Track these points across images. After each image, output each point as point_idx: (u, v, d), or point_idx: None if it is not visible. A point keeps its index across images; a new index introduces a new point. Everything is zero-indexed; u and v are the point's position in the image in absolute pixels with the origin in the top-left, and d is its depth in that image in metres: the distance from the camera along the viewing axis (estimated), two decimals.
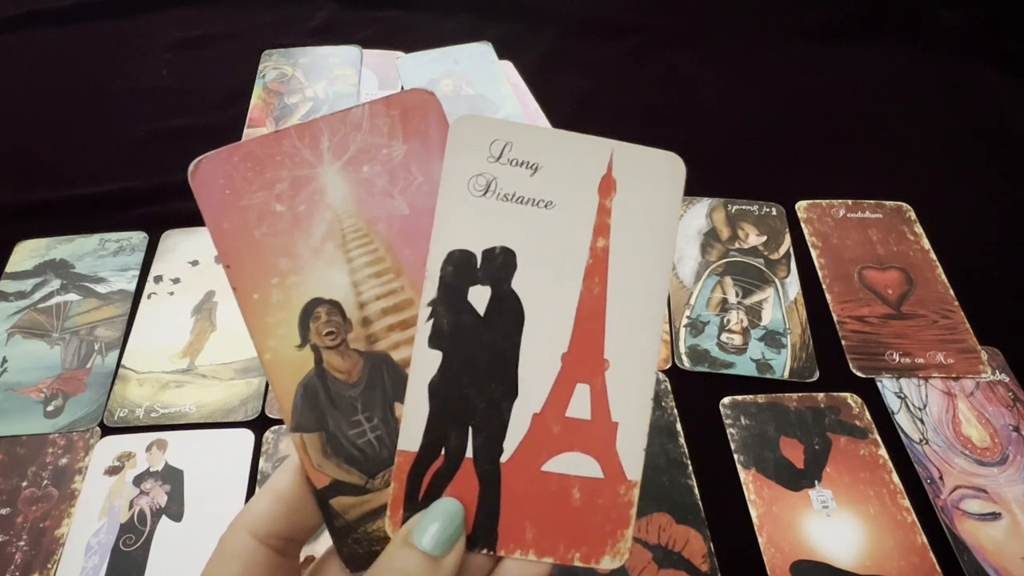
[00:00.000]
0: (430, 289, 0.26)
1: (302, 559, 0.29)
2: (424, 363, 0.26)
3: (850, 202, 0.70)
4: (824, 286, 0.63)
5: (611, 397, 0.27)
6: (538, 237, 0.27)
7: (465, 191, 0.26)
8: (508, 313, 0.27)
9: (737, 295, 0.63)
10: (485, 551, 0.26)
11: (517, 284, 0.27)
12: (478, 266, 0.26)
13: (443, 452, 0.26)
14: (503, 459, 0.26)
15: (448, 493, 0.26)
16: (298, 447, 0.27)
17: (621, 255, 0.27)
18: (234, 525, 0.27)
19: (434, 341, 0.26)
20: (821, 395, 0.56)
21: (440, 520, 0.25)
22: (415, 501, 0.26)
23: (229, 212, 0.26)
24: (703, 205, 0.70)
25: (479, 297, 0.26)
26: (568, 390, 0.27)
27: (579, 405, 0.27)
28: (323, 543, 0.44)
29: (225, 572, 0.26)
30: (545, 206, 0.27)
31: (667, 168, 0.27)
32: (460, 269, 0.26)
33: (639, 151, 0.27)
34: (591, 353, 0.27)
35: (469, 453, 0.26)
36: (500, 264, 0.27)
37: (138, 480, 0.51)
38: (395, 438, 0.26)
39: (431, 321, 0.26)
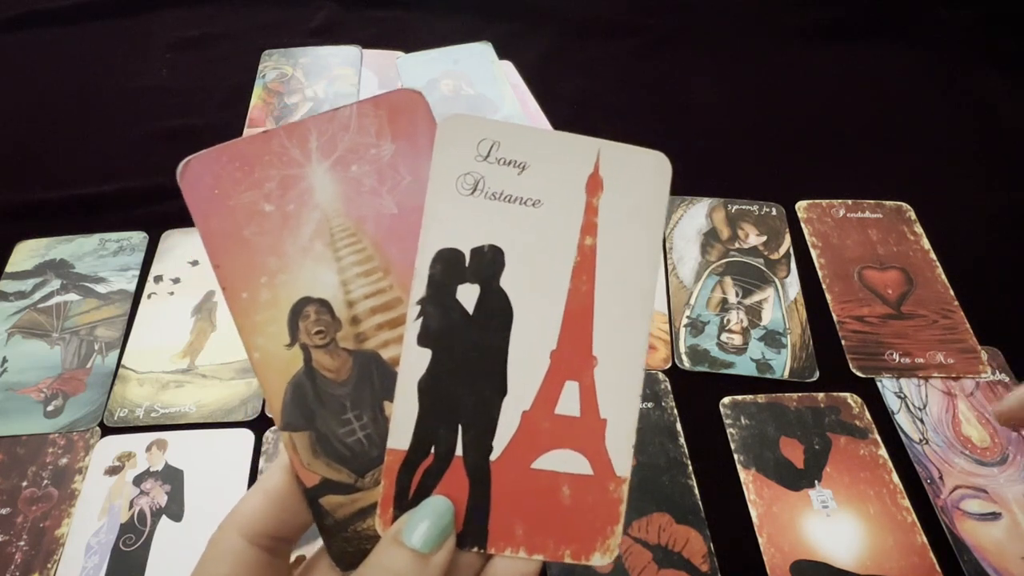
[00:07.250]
0: (419, 288, 0.26)
1: (293, 559, 0.29)
2: (413, 361, 0.26)
3: (850, 202, 0.70)
4: (824, 286, 0.63)
5: (600, 394, 0.27)
6: (526, 235, 0.27)
7: (453, 190, 0.26)
8: (497, 311, 0.27)
9: (737, 295, 0.63)
10: (475, 549, 0.26)
11: (505, 282, 0.27)
12: (466, 264, 0.26)
13: (433, 450, 0.26)
14: (493, 457, 0.26)
15: (438, 491, 0.26)
16: (287, 446, 0.27)
17: (608, 253, 0.27)
18: (224, 525, 0.27)
19: (423, 339, 0.26)
20: (821, 395, 0.56)
21: (430, 518, 0.25)
22: (405, 499, 0.26)
23: (218, 212, 0.26)
24: (703, 205, 0.70)
25: (468, 295, 0.26)
26: (557, 387, 0.27)
27: (568, 402, 0.27)
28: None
29: (215, 572, 0.26)
30: (533, 204, 0.27)
31: (653, 167, 0.27)
32: (448, 268, 0.26)
33: (626, 150, 0.27)
34: (580, 350, 0.27)
35: (459, 451, 0.26)
36: (488, 262, 0.27)
37: (138, 480, 0.51)
38: (385, 436, 0.26)
39: (420, 319, 0.26)
